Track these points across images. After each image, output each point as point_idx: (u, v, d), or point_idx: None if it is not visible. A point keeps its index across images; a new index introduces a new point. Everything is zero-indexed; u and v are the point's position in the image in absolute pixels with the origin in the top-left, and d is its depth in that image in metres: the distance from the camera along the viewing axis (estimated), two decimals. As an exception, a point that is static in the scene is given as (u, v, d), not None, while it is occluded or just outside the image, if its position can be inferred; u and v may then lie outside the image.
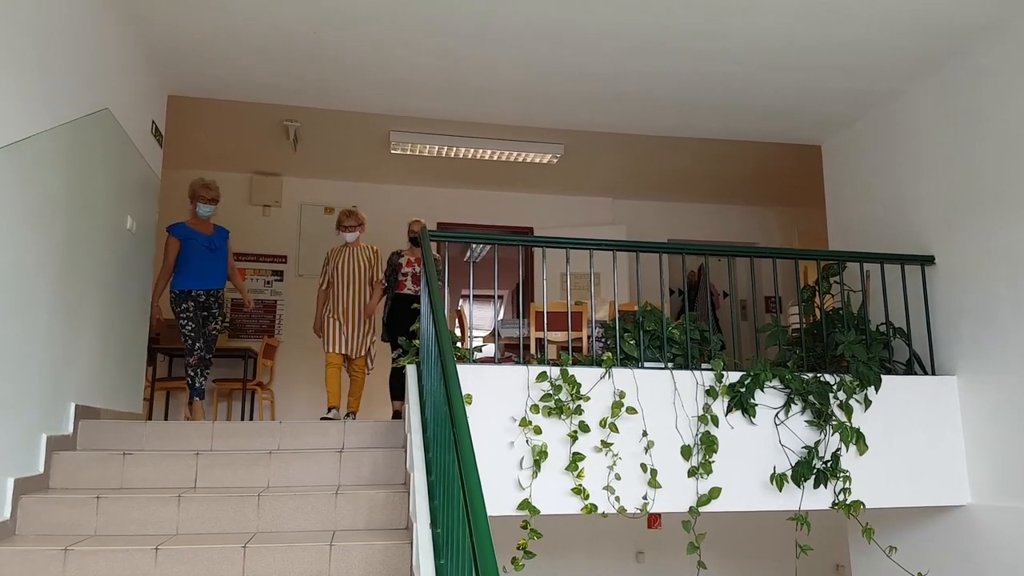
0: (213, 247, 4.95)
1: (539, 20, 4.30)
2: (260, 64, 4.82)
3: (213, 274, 4.91)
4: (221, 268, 4.99)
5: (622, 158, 7.09)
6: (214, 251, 4.95)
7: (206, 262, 4.89)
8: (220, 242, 5.03)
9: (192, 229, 4.92)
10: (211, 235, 4.99)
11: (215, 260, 4.94)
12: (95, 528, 3.07)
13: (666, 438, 4.05)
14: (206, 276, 4.87)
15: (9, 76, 2.89)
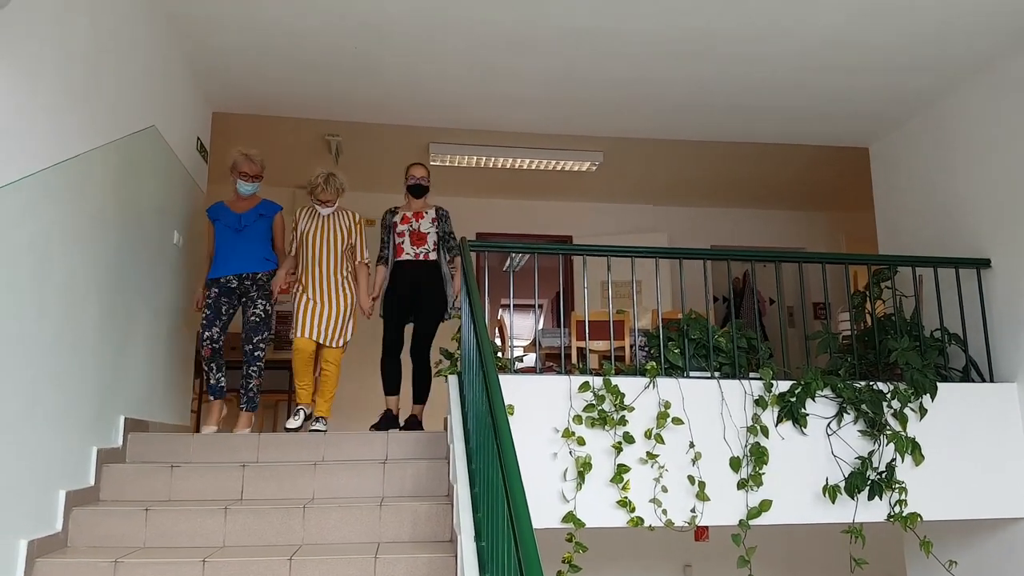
0: (240, 226, 4.34)
1: (575, 29, 4.27)
2: (301, 80, 4.88)
3: (242, 257, 4.30)
4: (255, 249, 4.34)
5: (663, 164, 7.01)
6: (241, 231, 4.34)
7: (232, 244, 4.31)
8: (252, 220, 4.38)
9: (224, 207, 4.41)
10: (243, 213, 4.38)
11: (244, 241, 4.32)
12: (144, 540, 3.11)
13: (714, 449, 3.96)
14: (232, 260, 4.29)
15: (60, 96, 2.96)
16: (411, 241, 4.61)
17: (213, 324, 4.20)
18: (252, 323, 4.27)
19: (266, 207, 4.46)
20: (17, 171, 2.64)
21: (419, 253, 4.61)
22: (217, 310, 4.23)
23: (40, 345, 2.86)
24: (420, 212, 4.69)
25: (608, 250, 4.32)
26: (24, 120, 2.68)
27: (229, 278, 4.28)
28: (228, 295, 4.28)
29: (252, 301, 4.29)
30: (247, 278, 4.31)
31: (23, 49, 2.65)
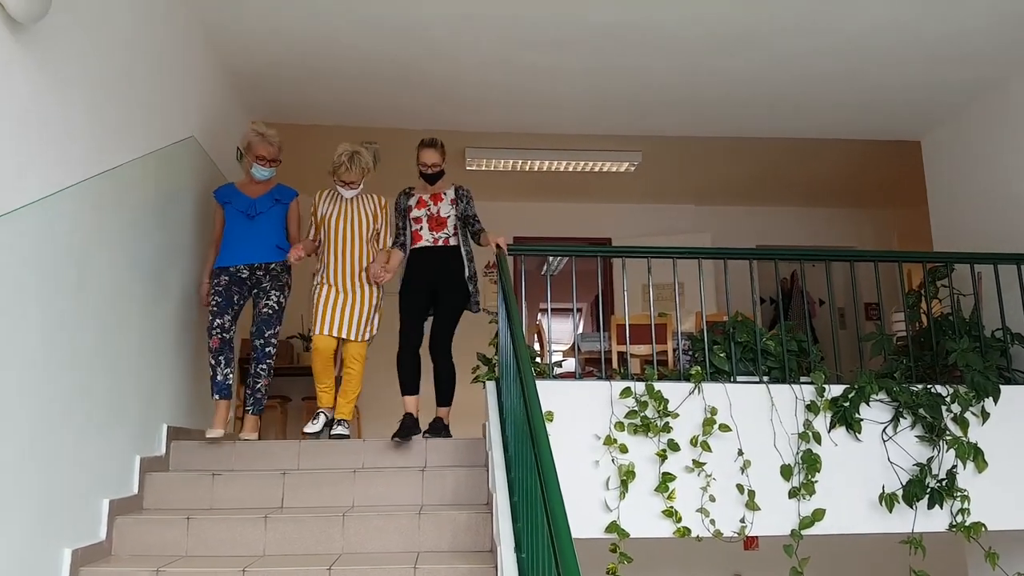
0: (253, 212, 3.96)
1: (611, 25, 4.19)
2: (338, 88, 4.88)
3: (253, 245, 3.92)
4: (270, 237, 3.97)
5: (704, 162, 6.86)
6: (254, 217, 3.95)
7: (242, 231, 3.94)
8: (267, 205, 4.00)
9: (235, 190, 4.03)
10: (257, 198, 4.01)
11: (256, 228, 3.94)
12: (186, 549, 3.10)
13: (763, 457, 3.82)
14: (242, 248, 3.92)
15: (99, 108, 2.98)
16: (429, 227, 4.14)
17: (224, 312, 3.83)
18: (264, 315, 3.88)
19: (281, 192, 4.09)
20: (57, 182, 2.65)
21: (438, 239, 4.14)
22: (228, 298, 3.86)
23: (81, 355, 2.87)
24: (438, 194, 4.19)
25: (647, 251, 4.22)
26: (63, 132, 2.69)
27: (240, 267, 3.91)
28: (239, 284, 3.92)
29: (265, 292, 3.91)
30: (259, 268, 3.93)
31: (61, 61, 2.66)
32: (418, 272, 4.13)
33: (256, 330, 3.87)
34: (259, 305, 3.91)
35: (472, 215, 4.19)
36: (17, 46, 2.36)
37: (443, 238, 4.14)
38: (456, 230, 4.17)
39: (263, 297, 3.91)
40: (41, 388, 2.58)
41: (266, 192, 4.03)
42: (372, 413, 7.00)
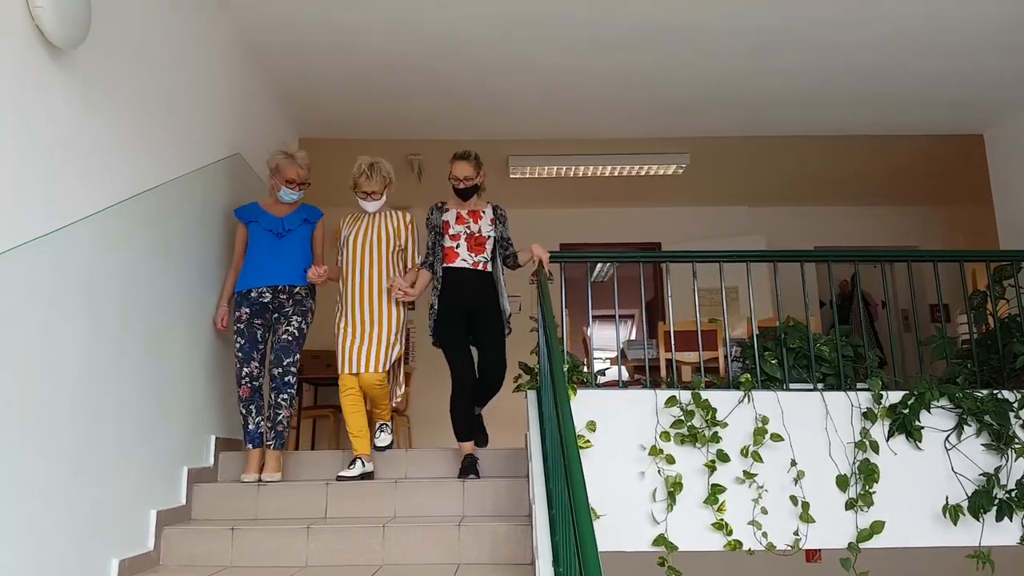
0: (281, 231, 3.75)
1: (655, 26, 4.11)
2: (381, 102, 4.92)
3: (279, 266, 3.69)
4: (294, 258, 3.73)
5: (756, 163, 6.69)
6: (282, 236, 3.74)
7: (269, 251, 3.71)
8: (294, 224, 3.80)
9: (261, 209, 3.83)
10: (284, 216, 3.81)
11: (283, 248, 3.73)
12: (231, 560, 3.14)
13: (818, 467, 3.67)
14: (268, 270, 3.68)
15: (143, 127, 3.05)
16: (468, 246, 3.79)
17: (251, 357, 3.63)
18: (284, 342, 3.61)
19: (308, 211, 3.91)
20: (103, 200, 2.72)
21: (477, 262, 3.78)
22: (252, 338, 3.64)
23: (129, 369, 2.94)
24: (477, 211, 3.86)
25: (693, 255, 4.12)
26: (106, 152, 2.76)
27: (263, 291, 3.67)
28: (261, 314, 3.67)
29: (286, 317, 3.67)
30: (283, 291, 3.70)
31: (102, 84, 2.74)
32: (454, 294, 3.75)
33: (275, 358, 3.61)
34: (278, 331, 3.66)
35: (507, 238, 3.94)
36: (57, 70, 2.43)
37: (482, 262, 3.81)
38: (492, 255, 3.87)
39: (283, 322, 3.66)
40: (90, 402, 2.64)
41: (293, 211, 3.87)
42: (422, 420, 7.02)
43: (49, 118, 2.39)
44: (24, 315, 2.28)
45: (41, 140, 2.36)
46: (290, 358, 3.62)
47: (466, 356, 3.75)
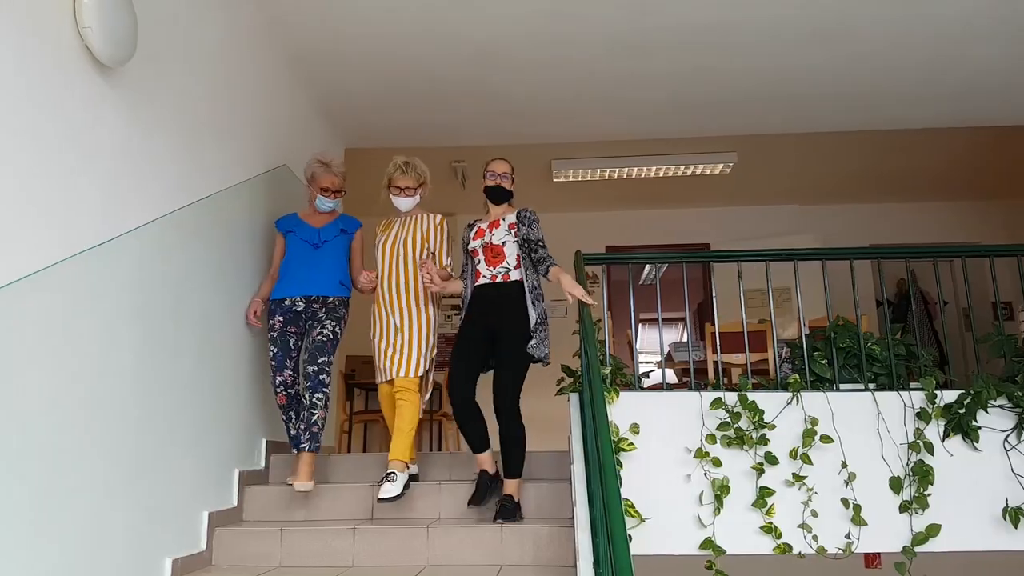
0: (317, 242, 3.74)
1: (698, 25, 4.08)
2: (425, 110, 4.98)
3: (317, 276, 3.67)
4: (330, 268, 3.71)
5: (805, 160, 6.56)
6: (319, 247, 3.72)
7: (304, 261, 3.70)
8: (332, 234, 3.78)
9: (299, 220, 3.83)
10: (320, 227, 3.79)
11: (320, 258, 3.71)
12: (280, 560, 3.21)
13: (870, 469, 3.58)
14: (302, 279, 3.66)
15: (189, 141, 3.17)
16: (486, 260, 3.51)
17: (284, 365, 3.61)
18: (318, 342, 3.56)
19: (346, 222, 3.87)
20: (154, 212, 2.83)
21: (496, 274, 3.49)
22: (285, 346, 3.62)
23: (181, 374, 3.04)
24: (496, 220, 3.58)
25: (738, 255, 4.06)
26: (155, 165, 2.87)
27: (296, 300, 3.65)
28: (295, 322, 3.65)
29: (320, 322, 3.63)
30: (316, 301, 3.66)
31: (151, 99, 2.85)
32: (474, 313, 3.50)
33: (309, 356, 3.56)
34: (312, 333, 3.62)
35: (536, 239, 3.47)
36: (107, 87, 2.54)
37: (502, 272, 3.48)
38: (519, 262, 3.49)
39: (317, 326, 3.62)
40: (144, 406, 2.74)
41: (330, 222, 3.83)
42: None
43: (100, 132, 2.50)
44: (80, 323, 2.38)
45: (93, 154, 2.46)
46: (324, 356, 3.54)
47: (462, 368, 3.40)
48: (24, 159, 2.14)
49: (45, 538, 2.20)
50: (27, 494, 2.13)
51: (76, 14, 2.35)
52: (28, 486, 2.13)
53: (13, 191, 2.09)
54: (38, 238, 2.19)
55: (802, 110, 5.11)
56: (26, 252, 2.13)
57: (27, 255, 2.14)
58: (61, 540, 2.27)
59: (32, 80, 2.17)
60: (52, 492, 2.23)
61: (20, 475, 2.10)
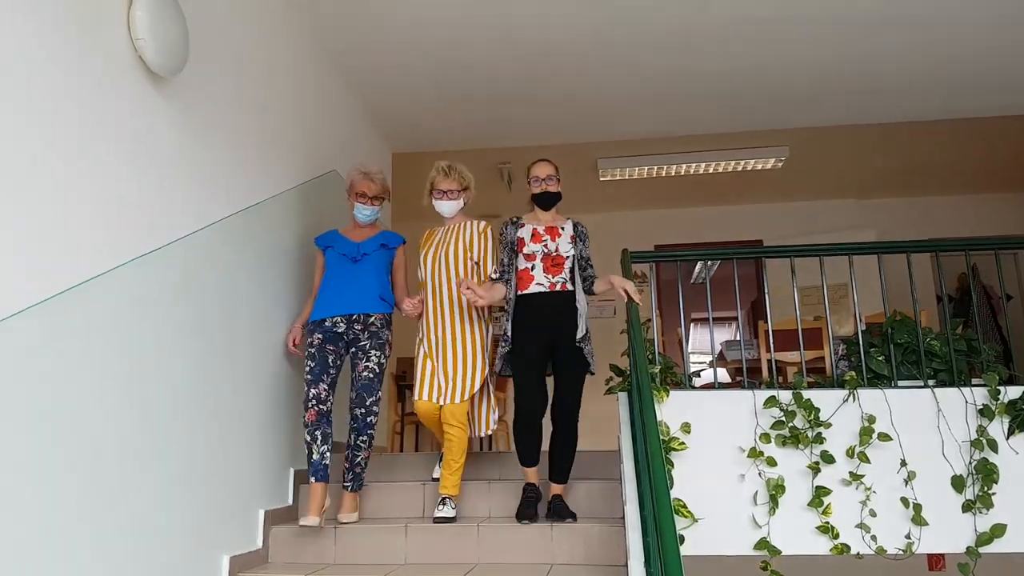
0: (358, 255, 3.57)
1: (747, 18, 4.02)
2: (472, 112, 5.02)
3: (356, 293, 3.49)
4: (372, 285, 3.52)
5: (861, 153, 6.39)
6: (358, 260, 3.56)
7: (344, 277, 3.54)
8: (373, 248, 3.60)
9: (339, 235, 3.69)
10: (361, 242, 3.63)
11: (358, 274, 3.53)
12: (334, 557, 3.27)
13: (931, 467, 3.47)
14: (344, 296, 3.49)
15: (241, 148, 3.25)
16: (544, 267, 3.41)
17: (319, 379, 3.39)
18: (365, 380, 3.39)
19: (388, 237, 3.70)
20: (204, 219, 2.91)
21: (555, 283, 3.40)
22: (323, 362, 3.42)
23: (238, 378, 3.13)
24: (556, 228, 3.49)
25: (791, 250, 3.98)
26: (206, 173, 2.96)
27: (336, 320, 3.47)
28: (334, 342, 3.47)
29: (364, 352, 3.43)
30: (357, 321, 3.47)
31: (202, 108, 2.94)
32: (532, 322, 3.38)
33: (356, 397, 3.39)
34: (358, 368, 3.44)
35: (587, 257, 3.54)
36: (160, 97, 2.63)
37: (560, 282, 3.41)
38: (572, 274, 3.47)
39: (363, 357, 3.44)
40: (197, 407, 2.82)
41: (371, 236, 3.68)
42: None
43: (151, 141, 2.58)
44: (133, 328, 2.46)
45: (145, 162, 2.55)
46: (372, 396, 3.39)
47: (532, 380, 3.32)
48: (78, 168, 2.21)
49: (107, 535, 2.28)
50: (89, 493, 2.21)
51: (130, 27, 2.43)
52: (91, 485, 2.22)
53: (68, 199, 2.17)
54: (92, 245, 2.26)
55: (858, 101, 4.99)
56: (81, 259, 2.21)
57: (83, 263, 2.21)
58: (122, 537, 2.35)
59: (88, 91, 2.25)
60: (112, 492, 2.31)
61: (82, 475, 2.19)
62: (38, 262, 2.03)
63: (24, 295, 1.98)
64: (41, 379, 2.03)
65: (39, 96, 2.06)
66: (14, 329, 1.94)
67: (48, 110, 2.09)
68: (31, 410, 1.99)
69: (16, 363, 1.94)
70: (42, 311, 2.04)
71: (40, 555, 2.01)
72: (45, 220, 2.07)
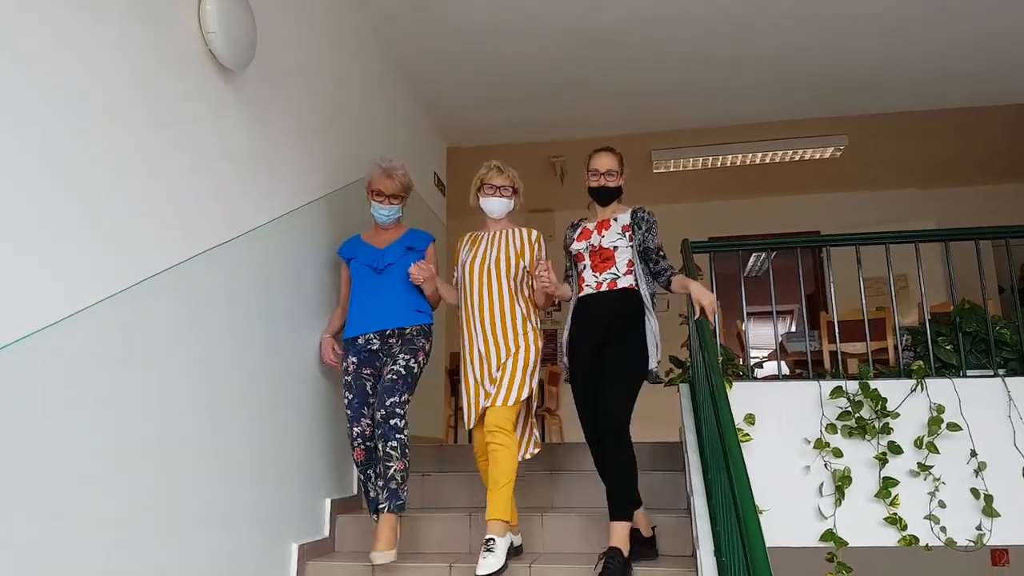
0: (381, 264, 3.23)
1: (802, 4, 3.96)
2: (525, 106, 5.05)
3: (386, 306, 3.19)
4: (403, 296, 3.20)
5: (924, 140, 6.23)
6: (382, 271, 3.23)
7: (370, 290, 3.23)
8: (397, 255, 3.26)
9: (361, 242, 3.36)
10: (384, 248, 3.29)
11: (386, 284, 3.22)
12: (399, 546, 3.30)
13: (1002, 458, 3.40)
14: (374, 312, 3.19)
15: (303, 143, 3.33)
16: (592, 264, 3.05)
17: (360, 414, 3.10)
18: (388, 382, 3.03)
19: (415, 238, 3.36)
20: (269, 213, 2.98)
21: (601, 281, 3.02)
22: (361, 391, 3.13)
23: (302, 367, 3.21)
24: (606, 220, 3.11)
25: (856, 238, 3.93)
26: (272, 168, 3.04)
27: (370, 337, 3.19)
28: (370, 363, 3.18)
29: (392, 357, 3.13)
30: (392, 335, 3.18)
31: (269, 104, 3.02)
32: (582, 328, 3.02)
33: (377, 401, 3.02)
34: (384, 372, 3.11)
35: (655, 248, 3.06)
36: (230, 91, 2.71)
37: (609, 279, 3.01)
38: (630, 268, 3.03)
39: (389, 362, 3.12)
40: (268, 396, 2.90)
41: (396, 240, 3.32)
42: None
43: (222, 135, 2.65)
44: (206, 319, 2.53)
45: (216, 156, 2.61)
46: (395, 397, 2.99)
47: (588, 405, 2.94)
48: (151, 160, 2.27)
49: (183, 521, 2.35)
50: (164, 481, 2.28)
51: (200, 20, 2.50)
52: (164, 473, 2.29)
53: (141, 191, 2.22)
54: (164, 238, 2.31)
55: (919, 87, 4.87)
56: (152, 253, 2.25)
57: (153, 255, 2.26)
58: (197, 524, 2.41)
59: (161, 84, 2.32)
60: (185, 480, 2.36)
61: (158, 463, 2.27)
62: (118, 251, 2.10)
63: (104, 285, 2.03)
64: (123, 365, 2.12)
65: (123, 84, 2.13)
66: (88, 321, 2.01)
67: (126, 98, 2.15)
68: (119, 398, 2.09)
69: (89, 355, 1.99)
70: (121, 300, 2.10)
71: (130, 536, 2.10)
72: (127, 207, 2.13)
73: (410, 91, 4.84)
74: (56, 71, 1.90)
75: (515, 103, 5.02)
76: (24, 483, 1.75)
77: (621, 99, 4.98)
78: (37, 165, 1.83)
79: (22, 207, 1.78)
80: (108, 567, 2.01)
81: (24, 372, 1.76)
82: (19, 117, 1.78)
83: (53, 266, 1.86)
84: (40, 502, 1.80)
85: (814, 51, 4.43)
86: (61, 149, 1.90)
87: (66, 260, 1.90)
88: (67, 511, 1.88)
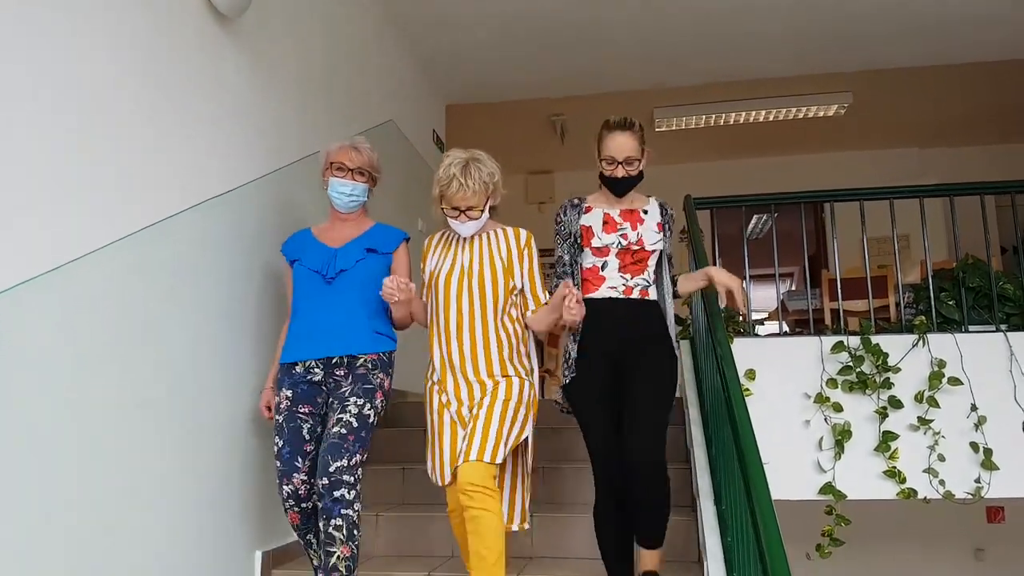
0: (331, 272, 2.49)
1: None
2: (524, 61, 4.97)
3: (333, 327, 2.44)
4: (355, 314, 2.47)
5: (928, 98, 6.14)
6: (332, 280, 2.48)
7: (316, 303, 2.48)
8: (351, 259, 2.52)
9: (311, 238, 2.61)
10: (338, 247, 2.55)
11: (336, 297, 2.48)
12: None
13: (1002, 412, 3.42)
14: (317, 333, 2.44)
15: (301, 97, 3.29)
16: (622, 264, 2.48)
17: (293, 467, 2.38)
18: (334, 438, 2.30)
19: (380, 236, 2.60)
20: (269, 165, 2.95)
21: (632, 287, 2.48)
22: (294, 436, 2.39)
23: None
24: (636, 211, 2.53)
25: (860, 193, 3.90)
26: (272, 120, 3.00)
27: (311, 365, 2.44)
28: (309, 399, 2.43)
29: (340, 401, 2.38)
30: (340, 364, 2.44)
31: (266, 54, 2.97)
32: (597, 337, 2.43)
33: (320, 462, 2.28)
34: (331, 420, 2.36)
35: (671, 255, 2.63)
36: (228, 40, 2.66)
37: (641, 286, 2.49)
38: (655, 276, 2.56)
39: (337, 408, 2.37)
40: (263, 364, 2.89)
41: (355, 237, 2.57)
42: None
43: (219, 81, 2.61)
44: (206, 268, 2.50)
45: (214, 107, 2.57)
46: (341, 460, 2.26)
47: (603, 419, 2.40)
48: (149, 106, 2.24)
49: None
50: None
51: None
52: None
53: (143, 138, 2.20)
54: (167, 187, 2.29)
55: (928, 40, 4.78)
56: (153, 202, 2.23)
57: (154, 205, 2.23)
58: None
59: (159, 30, 2.28)
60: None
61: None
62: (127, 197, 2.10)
63: (114, 229, 2.04)
64: (124, 310, 2.11)
65: (127, 31, 2.10)
66: (102, 262, 2.01)
67: (125, 46, 2.12)
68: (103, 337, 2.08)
69: (92, 301, 1.99)
70: (132, 242, 2.10)
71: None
72: (136, 154, 2.12)
73: (408, 45, 4.76)
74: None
75: (515, 58, 4.95)
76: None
77: (625, 54, 4.91)
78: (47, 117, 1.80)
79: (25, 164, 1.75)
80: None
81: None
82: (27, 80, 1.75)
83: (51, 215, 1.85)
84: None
85: (821, 3, 4.34)
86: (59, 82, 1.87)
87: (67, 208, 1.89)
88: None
